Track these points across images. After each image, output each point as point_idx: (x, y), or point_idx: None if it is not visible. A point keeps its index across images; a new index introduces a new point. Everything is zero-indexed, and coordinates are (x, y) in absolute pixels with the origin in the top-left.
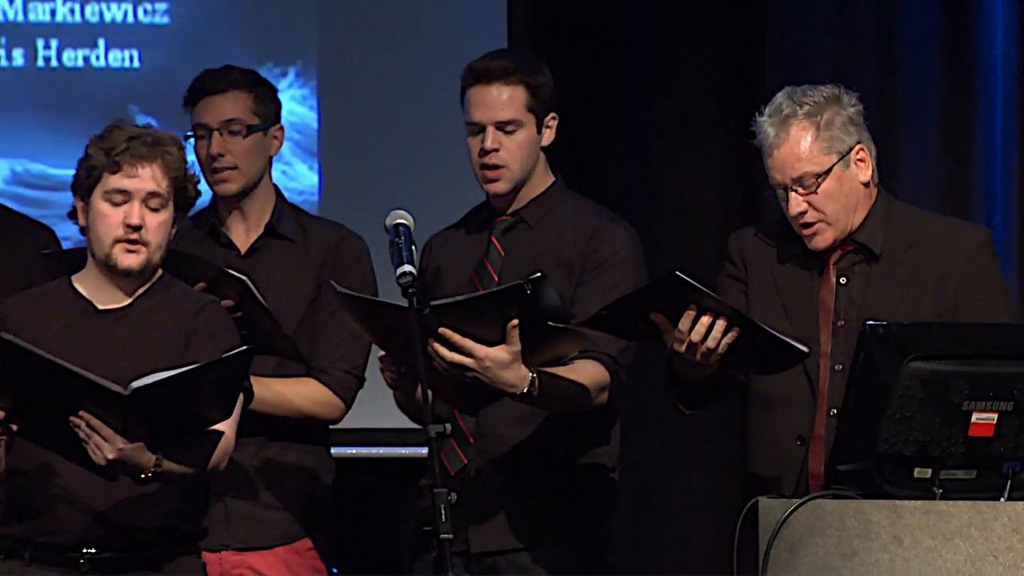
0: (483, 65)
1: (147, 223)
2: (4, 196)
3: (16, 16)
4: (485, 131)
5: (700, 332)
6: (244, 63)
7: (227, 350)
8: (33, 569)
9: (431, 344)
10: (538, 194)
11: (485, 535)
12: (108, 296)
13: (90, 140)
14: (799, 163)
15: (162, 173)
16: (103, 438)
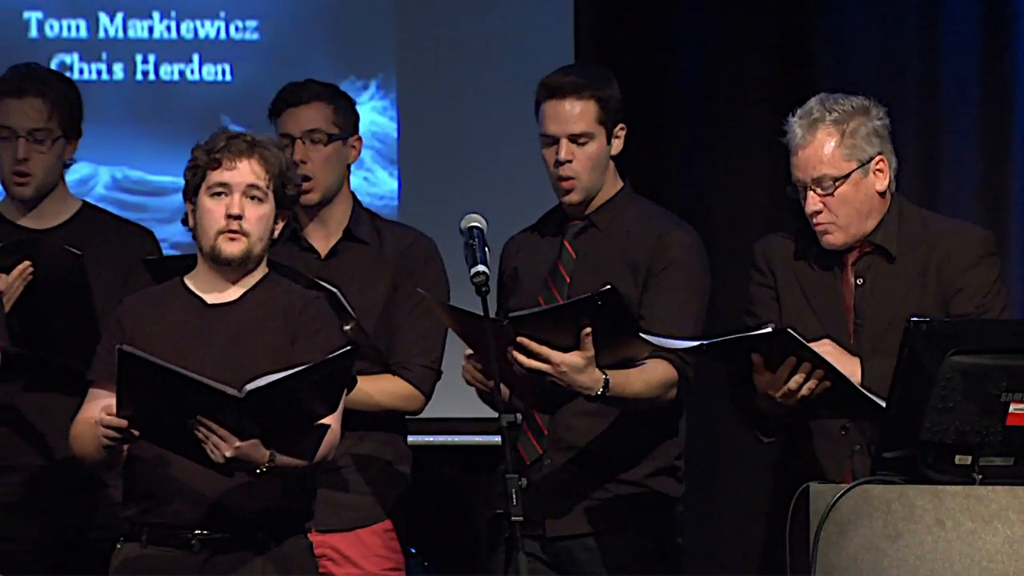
0: (556, 80)
1: (247, 214)
2: (106, 201)
3: (117, 33)
4: (559, 143)
5: (798, 381)
6: (328, 77)
7: (331, 347)
8: (150, 549)
9: (511, 351)
10: (607, 199)
11: (560, 521)
12: (217, 292)
13: (195, 146)
14: (820, 165)
15: (260, 168)
16: (220, 439)
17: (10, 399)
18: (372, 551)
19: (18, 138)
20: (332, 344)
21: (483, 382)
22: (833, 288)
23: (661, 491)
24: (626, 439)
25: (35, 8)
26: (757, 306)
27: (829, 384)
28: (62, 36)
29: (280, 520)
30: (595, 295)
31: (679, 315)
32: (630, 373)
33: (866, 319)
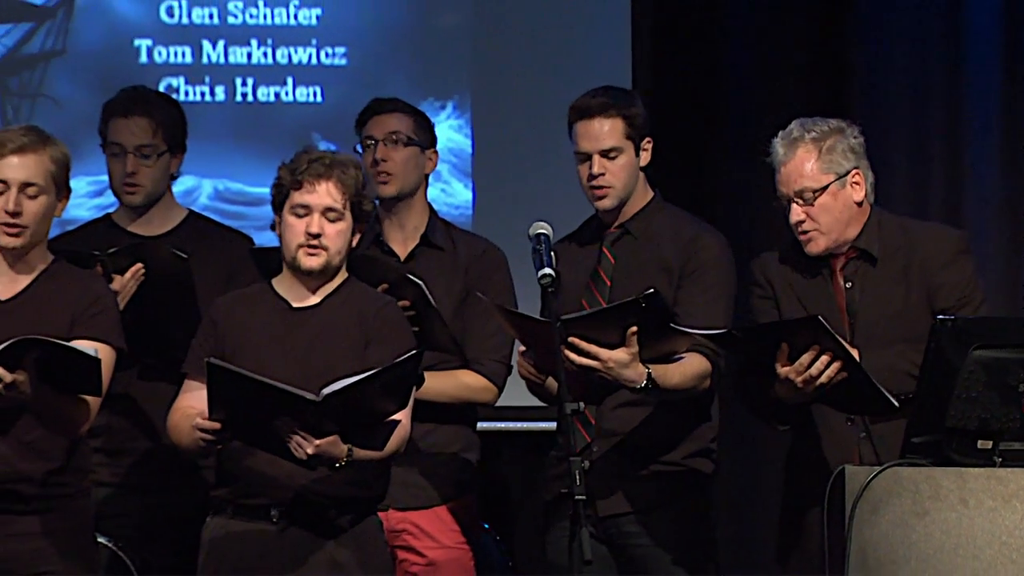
0: (585, 103)
1: (325, 231)
2: (208, 210)
3: (218, 59)
4: (591, 159)
5: (819, 368)
6: (409, 98)
7: (401, 350)
8: (234, 522)
9: (562, 350)
10: (640, 208)
11: (609, 501)
12: (301, 296)
13: (280, 164)
14: (801, 179)
15: (338, 190)
16: (302, 438)
17: (124, 388)
18: (448, 526)
19: (127, 154)
20: (402, 347)
21: (535, 375)
22: (825, 293)
23: (697, 471)
24: (665, 425)
25: (145, 36)
26: (760, 317)
27: (846, 375)
28: (169, 62)
29: (354, 504)
30: (639, 298)
31: (710, 311)
32: (670, 367)
33: (858, 318)
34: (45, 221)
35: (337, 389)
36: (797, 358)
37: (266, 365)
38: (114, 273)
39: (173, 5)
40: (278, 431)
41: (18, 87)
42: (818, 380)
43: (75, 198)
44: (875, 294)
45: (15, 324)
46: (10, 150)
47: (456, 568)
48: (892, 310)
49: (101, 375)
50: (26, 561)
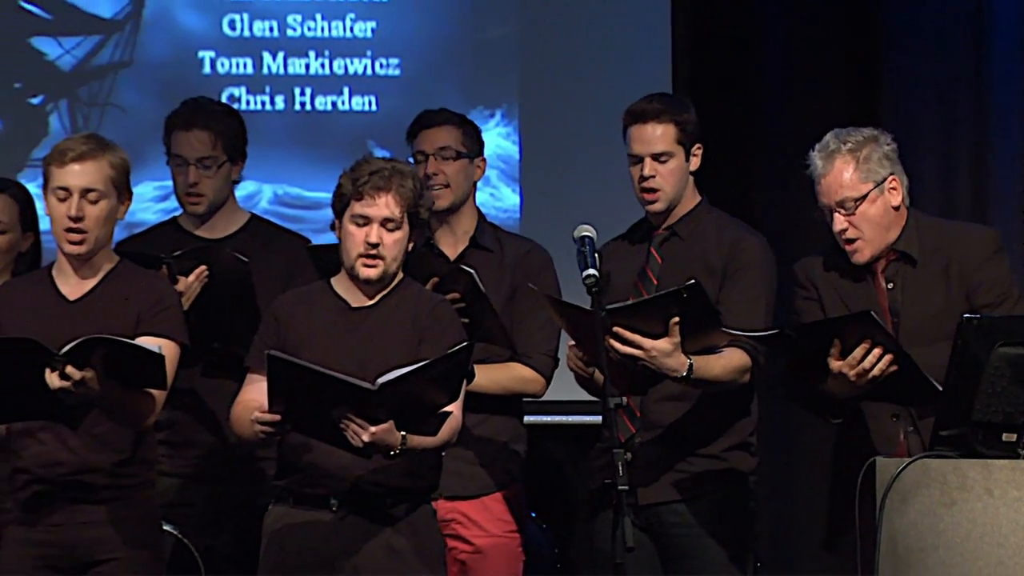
0: (640, 108)
1: (384, 241)
2: (268, 213)
3: (278, 70)
4: (643, 161)
5: (871, 361)
6: (460, 107)
7: (453, 344)
8: (295, 510)
9: (607, 339)
10: (687, 212)
11: (650, 490)
12: (358, 296)
13: (343, 172)
14: (841, 189)
15: (396, 201)
16: (358, 426)
17: (189, 384)
18: (495, 515)
19: (189, 165)
20: (454, 342)
21: (583, 368)
22: (868, 294)
23: (736, 463)
24: (706, 419)
25: (208, 48)
26: (805, 317)
27: (897, 368)
28: (231, 72)
29: (409, 494)
30: (681, 288)
31: (752, 309)
32: (711, 358)
33: (901, 318)
34: (107, 225)
35: (392, 378)
36: (849, 353)
37: (325, 361)
38: (179, 275)
39: (235, 18)
40: (335, 420)
41: (87, 97)
42: (871, 373)
43: (142, 202)
44: (916, 294)
45: (83, 324)
46: (71, 158)
47: (504, 555)
48: (933, 309)
49: (165, 370)
50: (94, 548)
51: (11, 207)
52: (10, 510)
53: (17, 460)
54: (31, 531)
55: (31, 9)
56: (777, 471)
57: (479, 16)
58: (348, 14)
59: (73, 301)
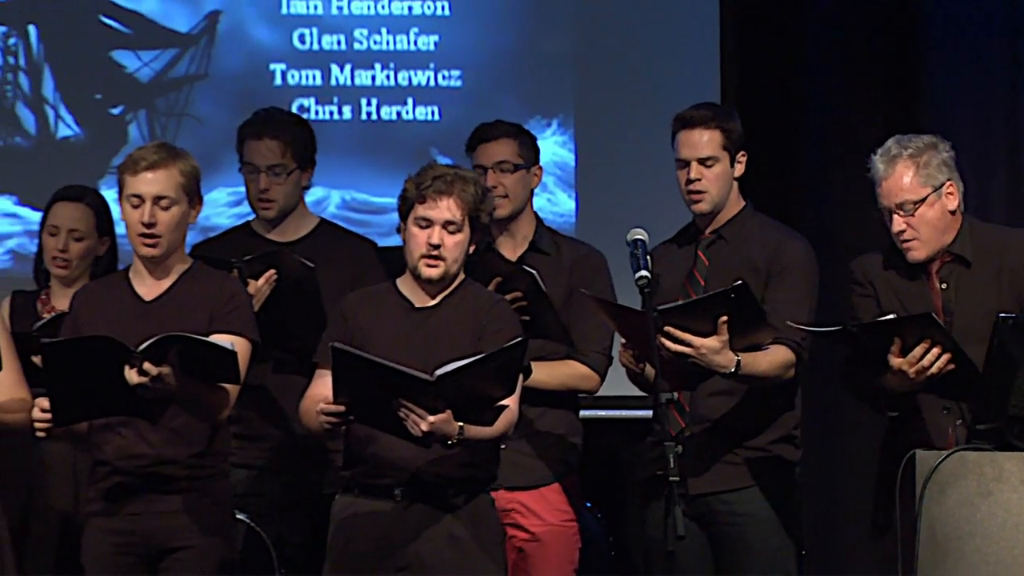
0: (688, 114)
1: (445, 243)
2: (337, 218)
3: (346, 81)
4: (690, 165)
5: (931, 359)
6: (517, 117)
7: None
8: (360, 499)
9: (659, 338)
10: (732, 216)
11: (700, 481)
12: (421, 296)
13: (407, 177)
14: (901, 192)
15: (457, 205)
16: (418, 416)
17: (260, 380)
18: (552, 505)
19: (260, 173)
20: (510, 339)
21: (634, 365)
22: (923, 293)
23: (782, 455)
24: (752, 413)
25: (279, 61)
26: (861, 313)
27: (954, 366)
28: (301, 84)
29: (468, 483)
30: (729, 289)
31: (796, 308)
32: (757, 355)
33: (955, 317)
34: (179, 229)
35: (449, 370)
36: (908, 351)
37: (389, 358)
38: (249, 278)
39: (305, 32)
40: (395, 410)
41: (165, 107)
42: (929, 371)
43: (215, 207)
44: (969, 295)
45: (158, 323)
46: (143, 167)
47: (560, 543)
48: (984, 310)
49: (239, 365)
50: (171, 536)
51: (87, 215)
52: (92, 500)
53: (99, 453)
54: (112, 520)
55: (112, 24)
56: (820, 463)
57: (537, 30)
58: (412, 28)
59: (149, 301)
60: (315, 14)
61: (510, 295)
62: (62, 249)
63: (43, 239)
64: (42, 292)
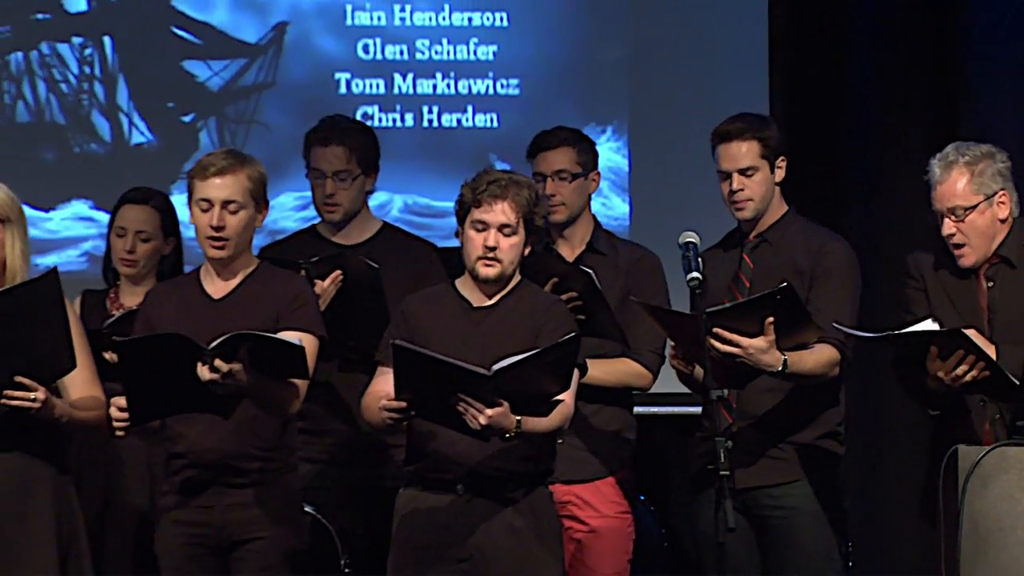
0: (724, 128)
1: (500, 245)
2: (399, 221)
3: (408, 90)
4: (731, 177)
5: (964, 369)
6: (573, 124)
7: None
8: (424, 494)
9: (708, 339)
10: (776, 220)
11: (747, 475)
12: (479, 297)
13: (464, 183)
14: (954, 197)
15: (511, 208)
16: (477, 410)
17: (326, 377)
18: (607, 498)
19: (326, 178)
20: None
21: (683, 366)
22: (970, 291)
23: (827, 450)
24: (798, 409)
25: (344, 70)
26: (913, 306)
27: (989, 374)
28: (365, 92)
29: (526, 476)
30: (775, 291)
31: (839, 308)
32: (803, 354)
33: (997, 315)
34: (246, 232)
35: (506, 365)
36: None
37: (449, 356)
38: (316, 279)
39: (368, 43)
40: (455, 405)
41: (234, 115)
42: (964, 379)
43: (282, 211)
44: (1012, 294)
45: (227, 321)
46: (212, 172)
47: (615, 535)
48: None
49: (307, 361)
50: (242, 527)
51: (153, 216)
52: (166, 494)
53: (172, 447)
54: (184, 512)
55: (183, 35)
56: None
57: (592, 40)
58: (472, 38)
59: (217, 300)
60: (379, 25)
61: (566, 295)
62: (130, 250)
63: (111, 240)
64: (111, 291)
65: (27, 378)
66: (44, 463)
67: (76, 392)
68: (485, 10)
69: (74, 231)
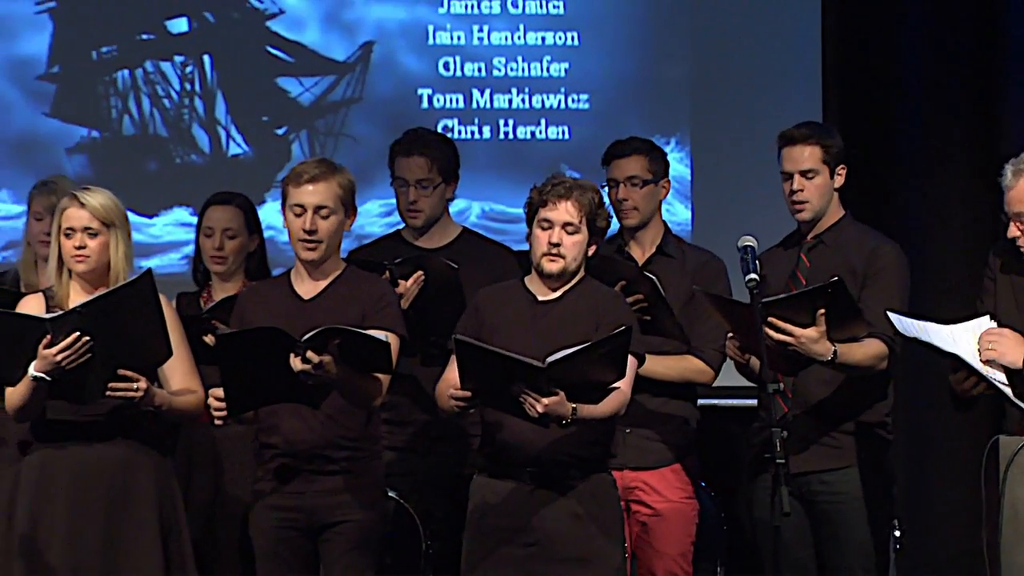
0: (791, 132)
1: (563, 242)
2: (477, 226)
3: (485, 104)
4: (793, 178)
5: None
6: (640, 135)
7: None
8: (495, 481)
9: (764, 328)
10: (832, 223)
11: (801, 460)
12: (544, 291)
13: (533, 187)
14: (1020, 204)
15: (574, 208)
16: (533, 399)
17: (408, 371)
18: (672, 484)
19: (409, 186)
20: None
21: (739, 355)
22: None
23: (876, 437)
24: (850, 400)
25: (426, 86)
26: (984, 296)
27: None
28: (445, 107)
29: (589, 464)
30: (826, 284)
31: (888, 306)
32: (853, 346)
33: None
34: (336, 236)
35: (559, 357)
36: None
37: (513, 346)
38: (399, 279)
39: (449, 61)
40: (514, 395)
41: (324, 128)
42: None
43: (367, 217)
44: None
45: (316, 319)
46: (305, 179)
47: (680, 518)
48: None
49: (391, 356)
50: (331, 512)
51: (238, 215)
52: (260, 480)
53: (266, 437)
54: (277, 498)
55: (277, 54)
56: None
57: (656, 58)
58: (545, 56)
59: (307, 300)
60: (458, 44)
61: (633, 297)
62: (218, 247)
63: (200, 241)
64: (203, 291)
65: (129, 370)
66: (147, 449)
67: (176, 383)
68: (557, 30)
69: (175, 236)
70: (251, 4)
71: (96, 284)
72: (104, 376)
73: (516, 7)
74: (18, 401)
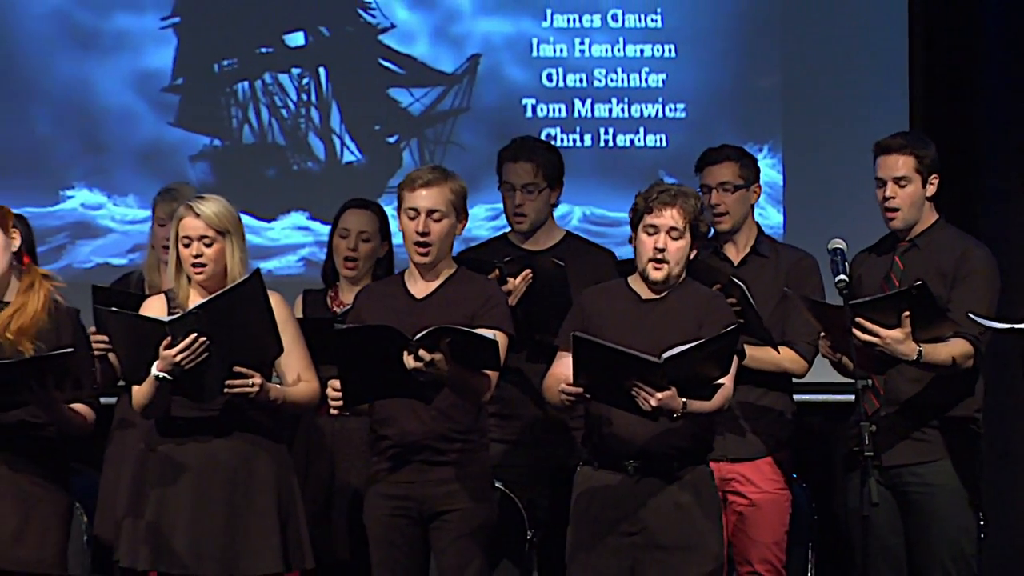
0: (887, 141)
1: (668, 248)
2: (579, 230)
3: (587, 113)
4: (886, 185)
5: None
6: (734, 143)
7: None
8: (599, 472)
9: (852, 329)
10: (926, 228)
11: (892, 454)
12: (648, 291)
13: (637, 193)
14: None
15: (679, 214)
16: (647, 394)
17: (516, 365)
18: (767, 475)
19: (516, 190)
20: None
21: (831, 354)
22: None
23: (967, 431)
24: (940, 396)
25: (530, 96)
26: None
27: None
28: (549, 116)
29: (690, 455)
30: (911, 288)
31: (978, 307)
32: (938, 346)
33: None
34: (448, 239)
35: (675, 353)
36: None
37: (620, 343)
38: (508, 277)
39: (552, 72)
40: (627, 389)
41: (433, 136)
42: None
43: (475, 221)
44: None
45: (428, 318)
46: (419, 184)
47: (774, 508)
48: None
49: (499, 354)
50: (441, 501)
51: (373, 220)
52: (374, 469)
53: (381, 429)
54: (390, 487)
55: (389, 66)
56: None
57: (750, 69)
58: (643, 68)
59: (420, 299)
60: (561, 56)
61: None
62: (352, 248)
63: (334, 242)
64: (330, 290)
65: (244, 367)
66: (266, 441)
67: (292, 376)
68: (655, 43)
69: (292, 239)
70: (364, 19)
71: (214, 286)
72: (222, 374)
73: (616, 21)
74: (143, 400)
